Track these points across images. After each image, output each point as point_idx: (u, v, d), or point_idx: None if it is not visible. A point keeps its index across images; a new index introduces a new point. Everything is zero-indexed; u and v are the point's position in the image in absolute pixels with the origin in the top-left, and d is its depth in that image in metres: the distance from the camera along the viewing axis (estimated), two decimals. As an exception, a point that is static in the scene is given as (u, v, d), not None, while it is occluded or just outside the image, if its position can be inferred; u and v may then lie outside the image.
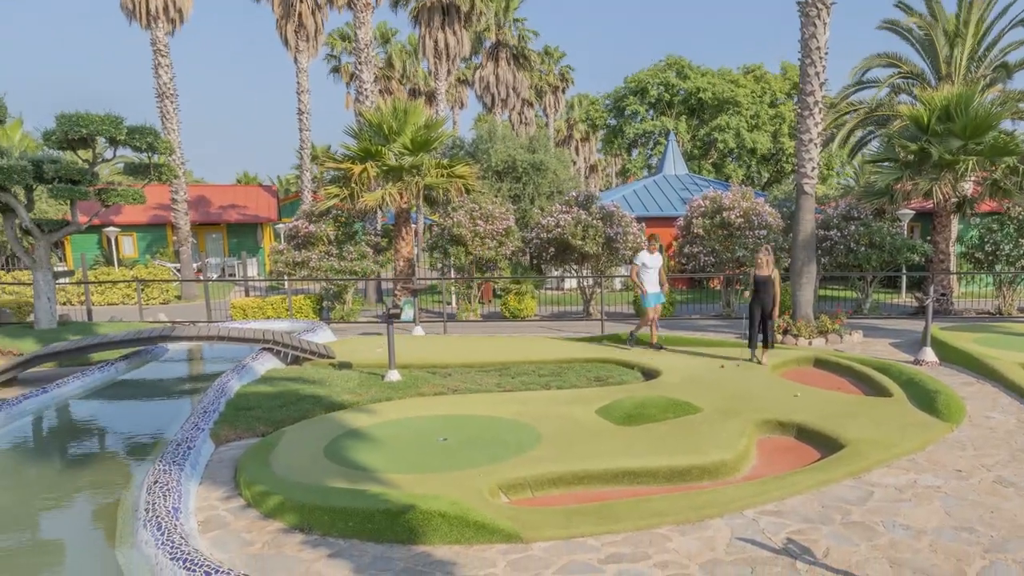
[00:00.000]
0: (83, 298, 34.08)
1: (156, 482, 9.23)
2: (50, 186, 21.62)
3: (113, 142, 22.16)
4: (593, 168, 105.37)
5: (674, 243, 30.87)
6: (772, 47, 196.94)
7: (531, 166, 39.49)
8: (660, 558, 7.52)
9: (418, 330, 23.38)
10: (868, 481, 9.60)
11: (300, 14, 49.12)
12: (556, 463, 9.96)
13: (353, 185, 26.95)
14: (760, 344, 17.26)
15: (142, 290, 34.84)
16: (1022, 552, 7.59)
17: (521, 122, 76.30)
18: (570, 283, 35.92)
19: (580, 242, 27.31)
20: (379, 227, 33.72)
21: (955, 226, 28.20)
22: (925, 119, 25.18)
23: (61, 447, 12.81)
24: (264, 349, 18.54)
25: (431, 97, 66.97)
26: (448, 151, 39.74)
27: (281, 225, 44.61)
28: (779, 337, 20.50)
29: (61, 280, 30.78)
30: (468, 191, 28.66)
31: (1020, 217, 26.87)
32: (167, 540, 7.65)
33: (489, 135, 42.02)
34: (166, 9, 38.86)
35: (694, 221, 27.94)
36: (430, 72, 58.05)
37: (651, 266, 18.37)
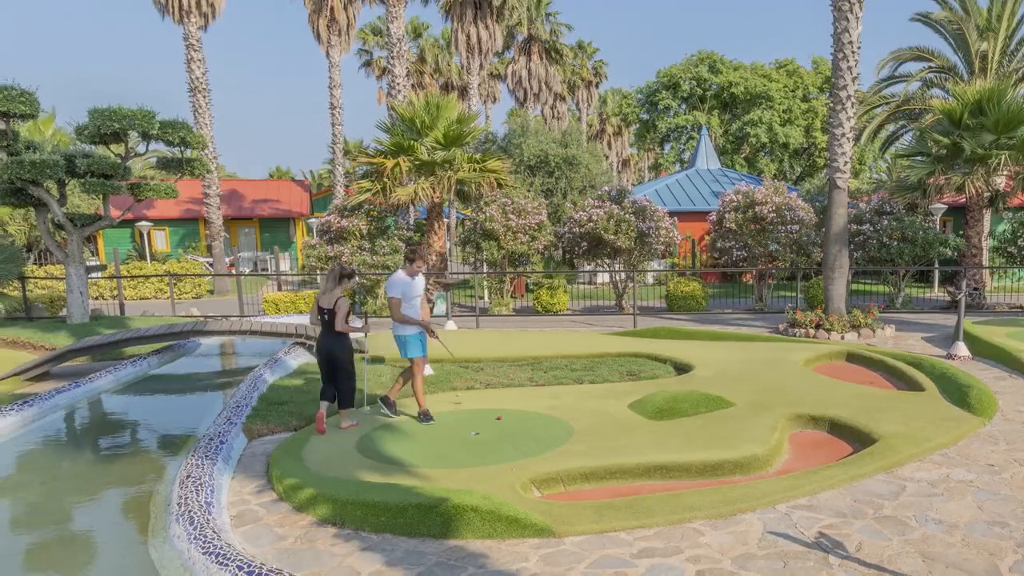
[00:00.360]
0: (115, 292, 34.18)
1: (189, 476, 9.28)
2: (82, 180, 21.68)
3: (146, 137, 22.20)
4: (625, 163, 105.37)
5: (706, 237, 30.90)
6: (804, 41, 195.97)
7: (563, 161, 39.46)
8: (692, 552, 7.51)
9: (450, 324, 23.41)
10: (900, 475, 9.57)
11: (332, 8, 49.23)
12: (588, 457, 9.98)
13: (385, 180, 26.95)
14: None
15: (174, 284, 34.99)
16: (1056, 547, 7.55)
17: (554, 116, 76.29)
18: (602, 278, 35.97)
19: (612, 236, 27.30)
20: (411, 222, 33.76)
21: (987, 220, 28.07)
22: (957, 113, 25.06)
23: (93, 441, 12.87)
24: (296, 343, 18.62)
25: (463, 91, 66.93)
26: (480, 146, 39.71)
27: (313, 220, 44.68)
28: (811, 331, 20.46)
29: (93, 274, 30.95)
30: (500, 186, 28.63)
31: (1053, 211, 26.74)
32: (200, 534, 7.68)
33: (521, 129, 42.01)
34: (198, 4, 38.94)
35: (726, 216, 27.95)
36: (462, 66, 58.00)
37: None
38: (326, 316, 11.58)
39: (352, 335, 13.27)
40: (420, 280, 12.24)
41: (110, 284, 35.20)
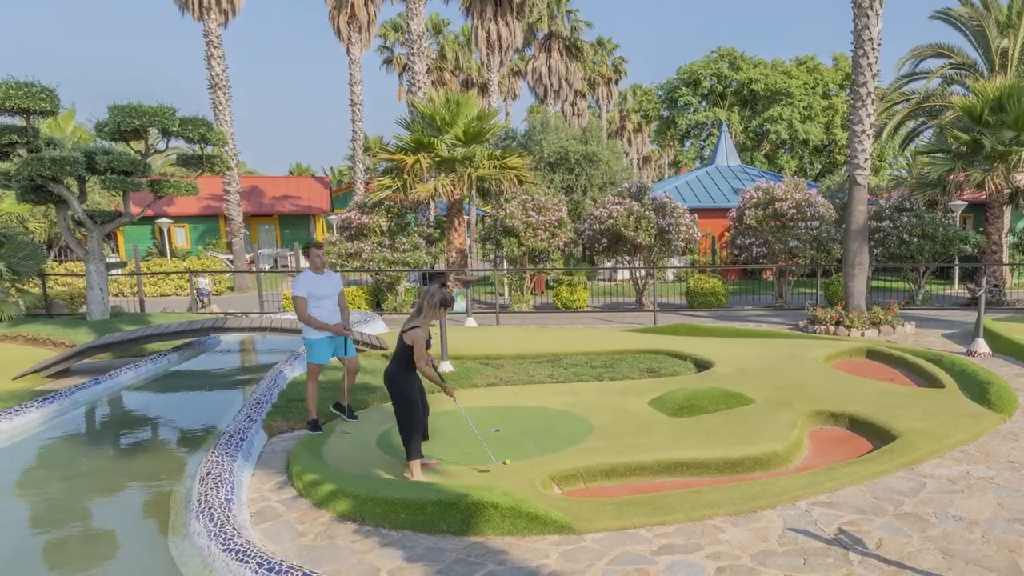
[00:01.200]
0: (135, 289, 34.33)
1: (209, 473, 9.30)
2: (103, 177, 21.73)
3: (166, 133, 22.19)
4: (646, 159, 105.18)
5: (726, 234, 30.94)
6: (825, 38, 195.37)
7: (584, 157, 39.54)
8: (713, 549, 7.51)
9: (471, 321, 23.56)
10: (920, 472, 9.55)
11: (353, 5, 49.39)
12: (608, 454, 10.01)
13: (406, 176, 26.97)
14: None
15: (194, 281, 35.07)
16: (1076, 544, 7.53)
17: (574, 113, 76.23)
18: (622, 274, 35.97)
19: (632, 233, 27.36)
20: (431, 218, 33.86)
21: (1008, 217, 27.98)
22: (978, 110, 24.99)
23: (114, 438, 12.89)
24: (317, 340, 18.60)
25: (484, 88, 66.92)
26: (501, 142, 39.74)
27: (334, 216, 44.83)
28: (831, 328, 20.44)
29: (114, 271, 30.94)
30: (521, 182, 28.64)
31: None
32: (220, 531, 7.69)
33: (542, 126, 42.14)
34: (218, 1, 39.03)
35: (746, 212, 27.98)
36: (483, 63, 58.08)
37: None
38: None
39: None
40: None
41: (130, 281, 35.32)
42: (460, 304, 25.85)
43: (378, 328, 22.24)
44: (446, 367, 15.82)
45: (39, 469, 11.21)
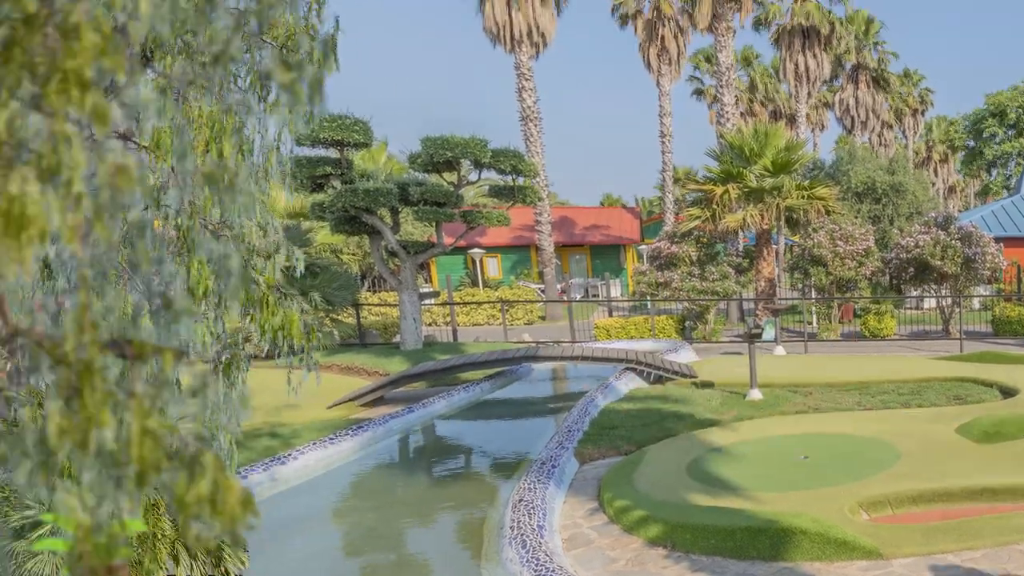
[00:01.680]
0: (448, 319, 35.05)
1: (521, 500, 9.53)
2: (415, 208, 22.42)
3: (478, 165, 22.78)
4: (952, 189, 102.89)
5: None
6: None
7: (890, 187, 39.40)
8: (1021, 574, 7.45)
9: (779, 349, 23.67)
10: None
11: (663, 38, 49.34)
12: (915, 480, 10.08)
13: (714, 206, 27.17)
14: None
15: (506, 311, 35.52)
16: None
17: (880, 144, 75.00)
18: (929, 303, 35.18)
19: (939, 262, 27.04)
20: (740, 248, 33.78)
21: None
22: None
23: (427, 466, 13.38)
24: (627, 369, 18.75)
25: (791, 119, 66.27)
26: (808, 172, 39.40)
27: (643, 246, 44.97)
28: None
29: (427, 301, 31.75)
30: (828, 212, 28.52)
31: None
32: (532, 557, 7.89)
33: (849, 157, 42.23)
34: (530, 34, 39.32)
35: (1053, 241, 27.14)
36: (791, 94, 57.76)
37: None
38: None
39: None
40: None
41: (443, 310, 35.82)
42: (769, 333, 25.70)
43: (688, 356, 22.26)
44: (755, 395, 15.89)
45: (354, 497, 11.76)
